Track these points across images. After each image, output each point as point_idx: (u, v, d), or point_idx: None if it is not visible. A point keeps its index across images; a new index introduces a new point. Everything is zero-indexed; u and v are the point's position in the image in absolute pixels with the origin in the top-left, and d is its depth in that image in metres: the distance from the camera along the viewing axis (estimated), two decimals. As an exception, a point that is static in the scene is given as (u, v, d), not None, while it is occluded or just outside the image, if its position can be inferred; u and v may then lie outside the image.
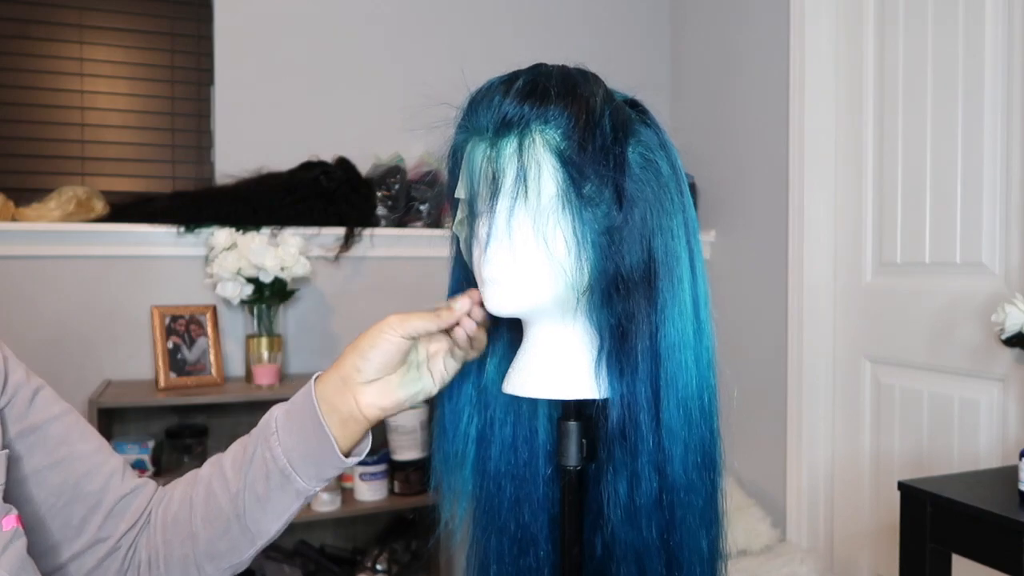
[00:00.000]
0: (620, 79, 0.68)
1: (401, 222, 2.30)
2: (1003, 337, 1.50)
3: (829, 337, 2.17)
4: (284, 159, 2.20)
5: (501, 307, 0.64)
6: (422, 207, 2.31)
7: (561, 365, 0.66)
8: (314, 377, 0.72)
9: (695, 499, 0.65)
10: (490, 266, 0.64)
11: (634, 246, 0.63)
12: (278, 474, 0.70)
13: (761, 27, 2.33)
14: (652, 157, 0.65)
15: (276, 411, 0.72)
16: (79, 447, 0.71)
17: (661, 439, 0.64)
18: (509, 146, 0.62)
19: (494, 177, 0.63)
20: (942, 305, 1.83)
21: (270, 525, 0.72)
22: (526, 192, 0.62)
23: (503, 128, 0.62)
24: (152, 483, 0.78)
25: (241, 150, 2.23)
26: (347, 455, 0.71)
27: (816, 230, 2.16)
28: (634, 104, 0.69)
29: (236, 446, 0.75)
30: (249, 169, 2.20)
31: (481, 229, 0.65)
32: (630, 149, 0.64)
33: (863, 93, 2.06)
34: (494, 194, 0.63)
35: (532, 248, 0.62)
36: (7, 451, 0.63)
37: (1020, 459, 1.29)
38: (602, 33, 2.68)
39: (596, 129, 0.62)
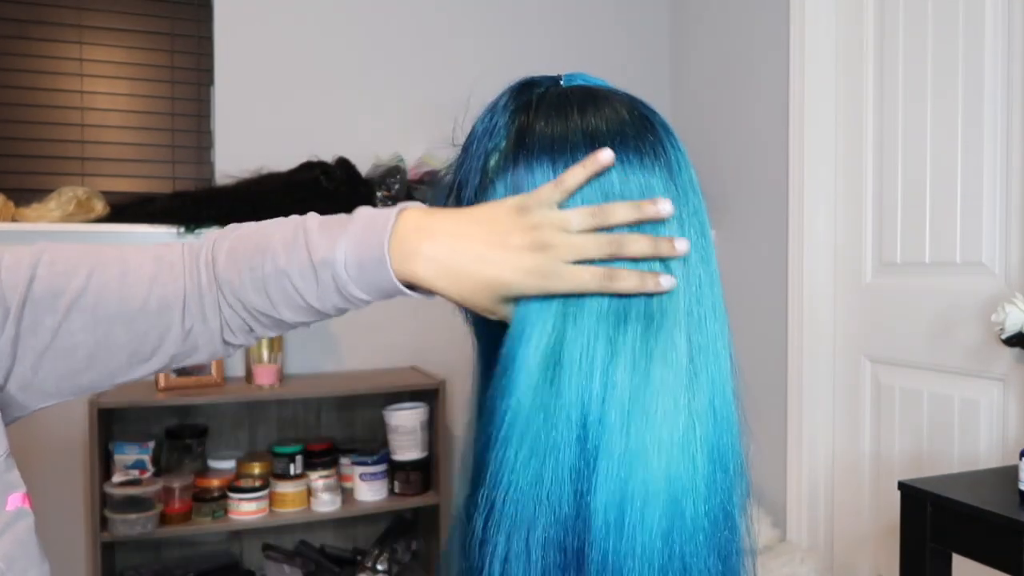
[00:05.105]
0: (620, 78, 0.67)
1: (401, 222, 2.30)
2: (1003, 337, 1.50)
3: (829, 337, 2.17)
4: (284, 159, 2.20)
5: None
6: (422, 207, 2.31)
7: None
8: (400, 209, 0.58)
9: None
10: None
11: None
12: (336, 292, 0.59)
13: (761, 26, 2.33)
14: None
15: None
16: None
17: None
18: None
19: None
20: (942, 305, 1.83)
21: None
22: (458, 203, 0.62)
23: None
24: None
25: (241, 150, 2.23)
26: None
27: (816, 230, 2.16)
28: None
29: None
30: (249, 169, 2.19)
31: None
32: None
33: (863, 93, 2.06)
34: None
35: None
36: None
37: (1020, 459, 1.29)
38: (602, 32, 2.68)
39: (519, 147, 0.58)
